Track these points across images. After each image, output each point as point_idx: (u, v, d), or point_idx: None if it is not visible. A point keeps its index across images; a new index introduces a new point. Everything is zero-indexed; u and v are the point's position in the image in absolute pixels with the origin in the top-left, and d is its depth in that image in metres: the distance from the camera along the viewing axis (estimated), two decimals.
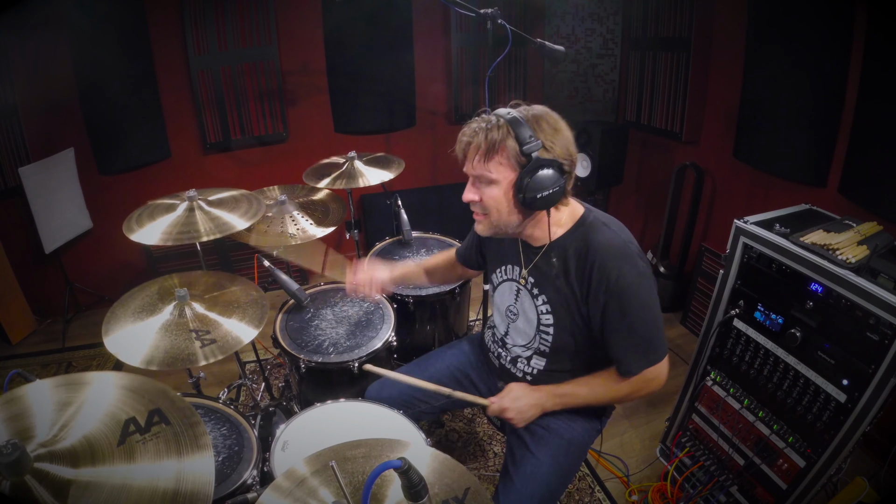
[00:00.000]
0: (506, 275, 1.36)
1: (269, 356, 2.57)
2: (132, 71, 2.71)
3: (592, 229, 1.19)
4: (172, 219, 1.73)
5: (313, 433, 1.33)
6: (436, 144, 3.48)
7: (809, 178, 2.20)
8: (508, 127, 1.09)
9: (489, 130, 1.10)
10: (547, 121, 1.13)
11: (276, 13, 2.85)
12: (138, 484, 0.78)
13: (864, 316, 1.30)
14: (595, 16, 3.18)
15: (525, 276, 1.29)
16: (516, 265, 1.32)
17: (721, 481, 1.79)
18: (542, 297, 1.26)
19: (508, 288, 1.36)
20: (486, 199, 1.16)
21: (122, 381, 0.94)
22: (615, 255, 1.14)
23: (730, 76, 2.49)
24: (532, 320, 1.29)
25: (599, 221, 1.21)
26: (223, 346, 1.38)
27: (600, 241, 1.16)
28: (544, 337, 1.29)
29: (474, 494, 0.97)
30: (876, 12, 1.81)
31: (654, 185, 3.23)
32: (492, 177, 1.13)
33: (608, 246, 1.15)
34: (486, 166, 1.12)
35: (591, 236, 1.17)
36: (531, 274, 1.28)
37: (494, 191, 1.14)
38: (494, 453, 2.14)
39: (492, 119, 1.12)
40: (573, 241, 1.19)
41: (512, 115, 1.10)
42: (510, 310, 1.36)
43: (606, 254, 1.14)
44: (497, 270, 1.40)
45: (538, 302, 1.27)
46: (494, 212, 1.17)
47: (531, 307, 1.29)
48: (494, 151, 1.10)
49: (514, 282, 1.34)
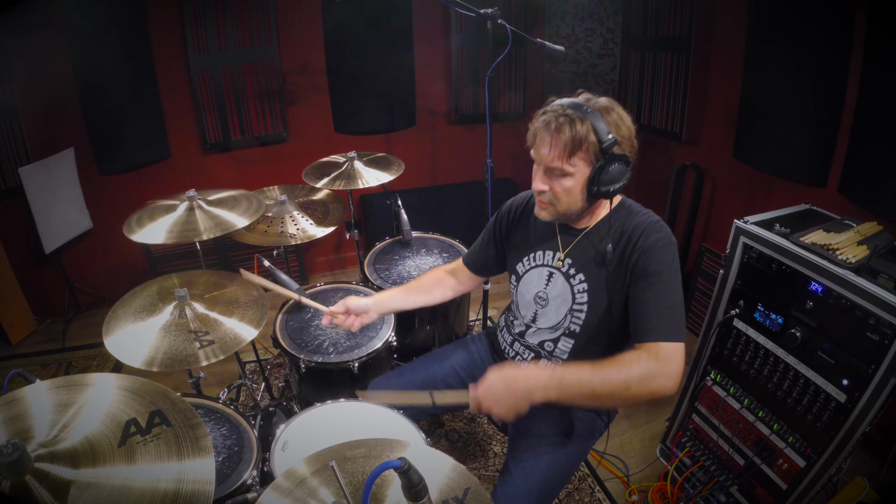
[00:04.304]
0: (535, 261, 1.37)
1: (269, 356, 2.58)
2: (132, 71, 2.71)
3: (632, 212, 1.26)
4: (173, 219, 1.73)
5: (313, 433, 1.33)
6: (436, 144, 3.47)
7: (809, 178, 2.20)
8: (590, 122, 1.11)
9: (573, 126, 1.12)
10: (617, 113, 1.17)
11: (276, 13, 2.85)
12: (139, 485, 0.78)
13: (864, 316, 1.30)
14: (595, 16, 3.18)
15: (562, 258, 1.31)
16: (550, 250, 1.34)
17: (721, 481, 1.79)
18: (580, 276, 1.28)
19: (538, 275, 1.36)
20: (557, 189, 1.19)
21: (122, 382, 0.94)
22: (654, 228, 1.20)
23: (730, 76, 2.49)
24: (567, 300, 1.30)
25: (637, 206, 1.29)
26: (223, 346, 1.38)
27: (642, 219, 1.23)
28: (577, 316, 1.29)
29: (474, 494, 0.97)
30: (876, 12, 1.81)
31: (654, 185, 3.23)
32: (569, 170, 1.15)
33: (648, 223, 1.21)
34: (567, 160, 1.14)
35: (632, 218, 1.24)
36: (569, 255, 1.30)
37: (568, 182, 1.17)
38: (494, 453, 2.14)
39: (571, 112, 1.13)
40: (616, 221, 1.24)
41: (591, 110, 1.13)
42: (539, 296, 1.36)
43: (646, 227, 1.20)
44: (524, 259, 1.39)
45: (574, 282, 1.28)
46: (564, 201, 1.20)
47: (565, 289, 1.30)
48: (578, 148, 1.13)
49: (546, 267, 1.34)
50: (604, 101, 1.17)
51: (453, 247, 2.30)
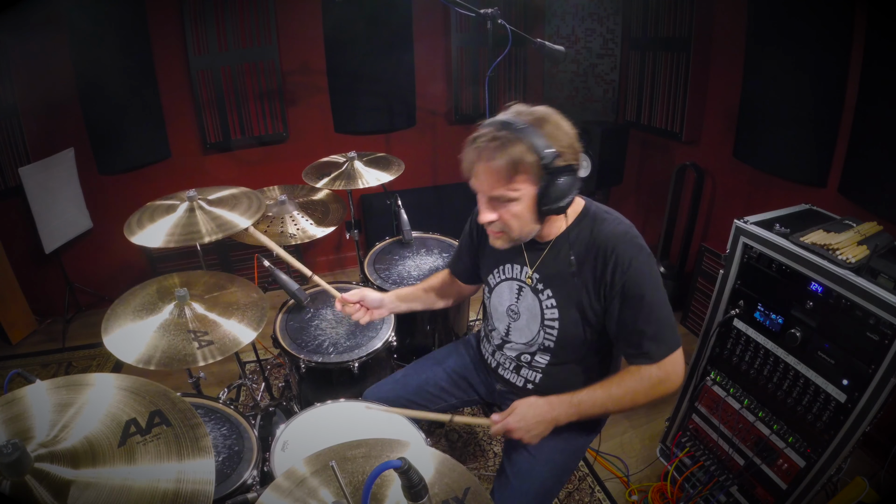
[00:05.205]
0: (504, 274, 1.35)
1: (269, 356, 2.58)
2: (132, 71, 2.71)
3: (597, 220, 1.20)
4: (173, 220, 1.72)
5: (313, 433, 1.33)
6: (436, 144, 3.47)
7: (809, 178, 2.20)
8: (524, 141, 1.04)
9: (506, 148, 1.04)
10: (553, 123, 1.10)
11: (276, 13, 2.85)
12: (139, 485, 0.78)
13: (864, 316, 1.30)
14: (595, 16, 3.18)
15: (530, 274, 1.28)
16: (517, 263, 1.31)
17: (721, 481, 1.79)
18: (548, 292, 1.25)
19: (508, 287, 1.34)
20: (506, 217, 1.13)
21: (122, 382, 0.94)
22: (625, 241, 1.15)
23: (730, 76, 2.50)
24: (536, 316, 1.28)
25: (602, 211, 1.23)
26: (221, 347, 1.38)
27: (608, 231, 1.17)
28: (549, 332, 1.27)
29: (474, 494, 0.97)
30: (876, 12, 1.81)
31: (654, 185, 3.23)
32: (513, 196, 1.09)
33: (616, 234, 1.16)
34: (508, 187, 1.08)
35: (598, 227, 1.18)
36: (537, 270, 1.27)
37: (515, 207, 1.11)
38: (494, 453, 2.14)
39: (503, 133, 1.05)
40: (580, 233, 1.20)
41: (524, 127, 1.05)
42: (511, 309, 1.35)
43: (617, 241, 1.15)
44: (494, 271, 1.37)
45: (542, 297, 1.26)
46: (515, 227, 1.15)
47: (535, 304, 1.28)
48: (515, 171, 1.06)
49: (515, 280, 1.32)
50: (538, 110, 1.10)
51: (453, 247, 2.30)
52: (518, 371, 1.39)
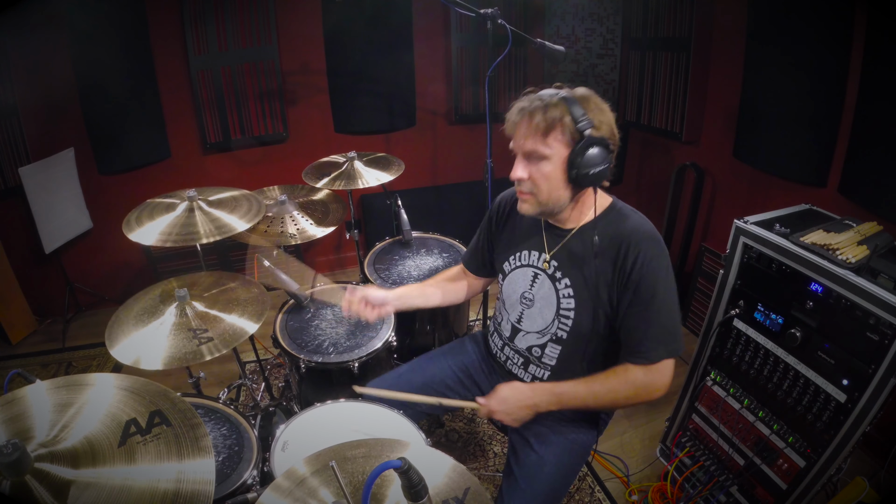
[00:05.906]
0: (520, 261, 1.35)
1: (269, 356, 2.58)
2: (132, 71, 2.71)
3: (623, 215, 1.23)
4: (172, 219, 1.73)
5: (313, 433, 1.33)
6: (436, 144, 3.47)
7: (809, 178, 2.20)
8: (565, 105, 1.11)
9: (546, 107, 1.12)
10: (594, 101, 1.16)
11: (276, 13, 2.85)
12: (139, 485, 0.78)
13: (864, 316, 1.30)
14: (595, 16, 3.18)
15: (548, 259, 1.28)
16: (535, 250, 1.32)
17: (721, 481, 1.79)
18: (566, 281, 1.25)
19: (522, 274, 1.35)
20: (536, 176, 1.17)
21: (122, 382, 0.95)
22: (649, 239, 1.18)
23: (730, 76, 2.49)
24: (552, 305, 1.28)
25: (628, 209, 1.26)
26: (224, 340, 1.39)
27: (634, 226, 1.20)
28: (563, 322, 1.27)
29: (474, 494, 0.97)
30: (876, 12, 1.81)
31: (654, 185, 3.23)
32: (546, 152, 1.14)
33: (642, 230, 1.19)
34: (543, 141, 1.13)
35: (625, 221, 1.21)
36: (555, 257, 1.28)
37: (546, 167, 1.15)
38: (494, 453, 2.14)
39: (545, 97, 1.14)
40: (606, 225, 1.22)
41: (566, 94, 1.13)
42: (525, 296, 1.34)
43: (642, 237, 1.17)
44: (510, 258, 1.38)
45: (560, 286, 1.26)
46: (544, 189, 1.18)
47: (551, 292, 1.28)
48: (552, 128, 1.12)
49: (530, 267, 1.33)
50: (582, 90, 1.17)
51: (453, 247, 2.30)
52: (526, 367, 1.38)
